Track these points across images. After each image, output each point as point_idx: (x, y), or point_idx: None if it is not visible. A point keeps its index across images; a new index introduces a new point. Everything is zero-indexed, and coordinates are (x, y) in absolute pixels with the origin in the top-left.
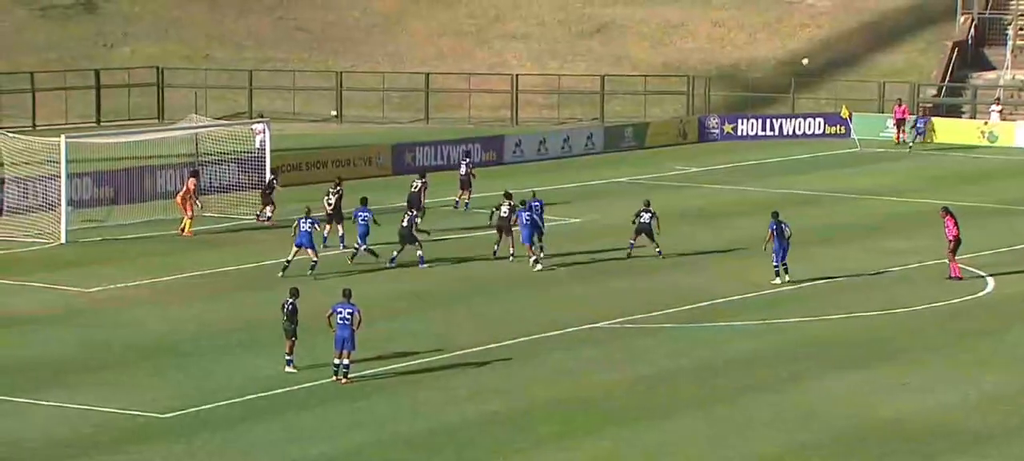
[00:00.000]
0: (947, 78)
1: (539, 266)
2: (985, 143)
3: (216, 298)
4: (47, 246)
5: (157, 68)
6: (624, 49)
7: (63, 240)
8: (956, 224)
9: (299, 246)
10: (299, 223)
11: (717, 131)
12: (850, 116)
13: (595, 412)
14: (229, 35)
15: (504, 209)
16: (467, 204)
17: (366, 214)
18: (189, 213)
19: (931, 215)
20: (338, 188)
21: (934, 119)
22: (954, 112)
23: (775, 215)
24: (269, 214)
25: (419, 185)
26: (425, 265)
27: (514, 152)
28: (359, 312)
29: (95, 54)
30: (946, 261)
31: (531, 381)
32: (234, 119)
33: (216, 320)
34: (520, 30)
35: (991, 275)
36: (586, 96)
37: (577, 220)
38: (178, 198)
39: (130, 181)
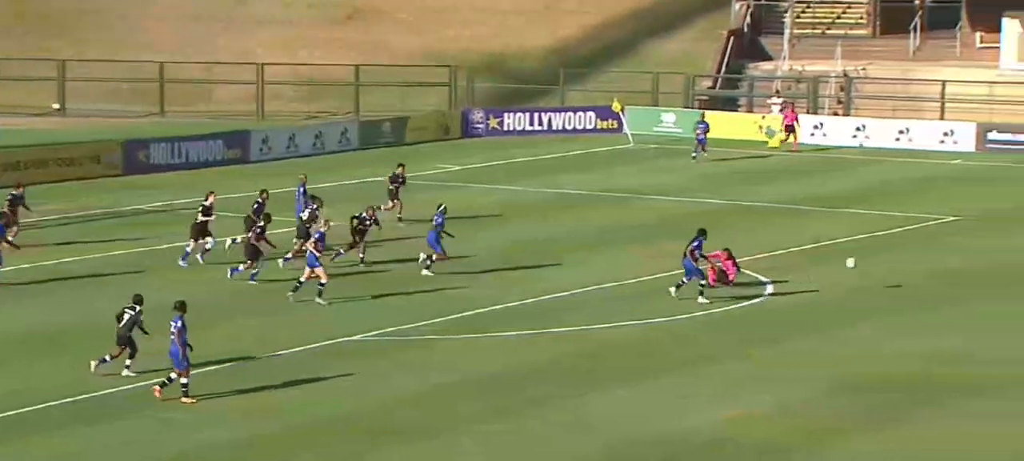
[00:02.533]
0: (723, 69)
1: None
2: (762, 137)
3: None
4: None
5: None
6: (381, 36)
7: None
8: (731, 262)
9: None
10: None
11: (482, 125)
12: (623, 110)
13: (364, 431)
14: None
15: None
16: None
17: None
18: None
19: (708, 216)
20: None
21: (708, 113)
22: (730, 105)
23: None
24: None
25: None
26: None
27: (261, 149)
28: (178, 324)
29: None
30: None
31: (305, 399)
32: None
33: None
34: (266, 15)
35: (771, 281)
36: (340, 88)
37: (332, 224)
38: None
39: None
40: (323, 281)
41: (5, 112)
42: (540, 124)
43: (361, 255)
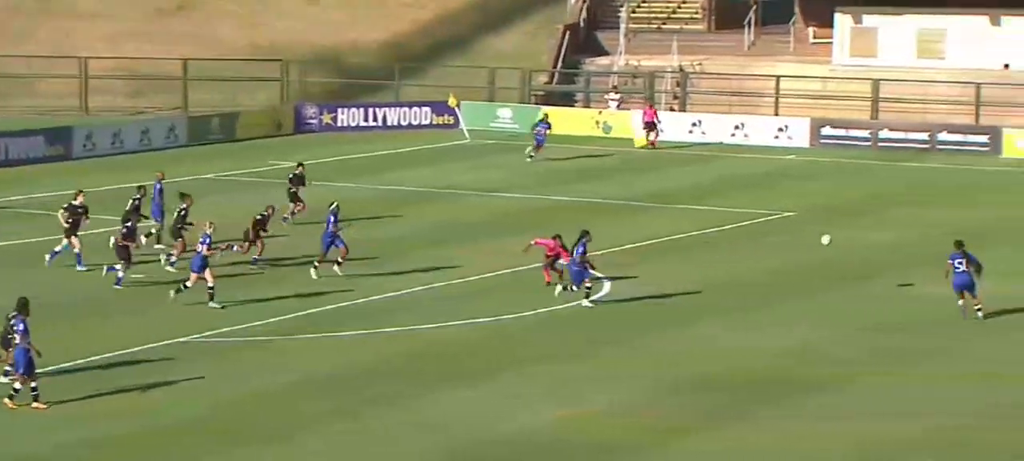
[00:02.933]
0: (559, 64)
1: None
2: (599, 133)
3: None
4: None
5: None
6: (210, 29)
7: None
8: (559, 245)
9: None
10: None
11: (315, 121)
12: (459, 106)
13: (202, 434)
14: None
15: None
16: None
17: None
18: None
19: (544, 212)
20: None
21: (546, 109)
22: (568, 100)
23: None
24: None
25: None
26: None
27: (85, 146)
28: (20, 327)
29: None
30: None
31: (156, 401)
32: None
33: None
34: (88, 7)
35: (609, 278)
36: (167, 82)
37: (157, 223)
38: None
39: None
40: (211, 284)
41: None
42: (375, 120)
43: (256, 256)
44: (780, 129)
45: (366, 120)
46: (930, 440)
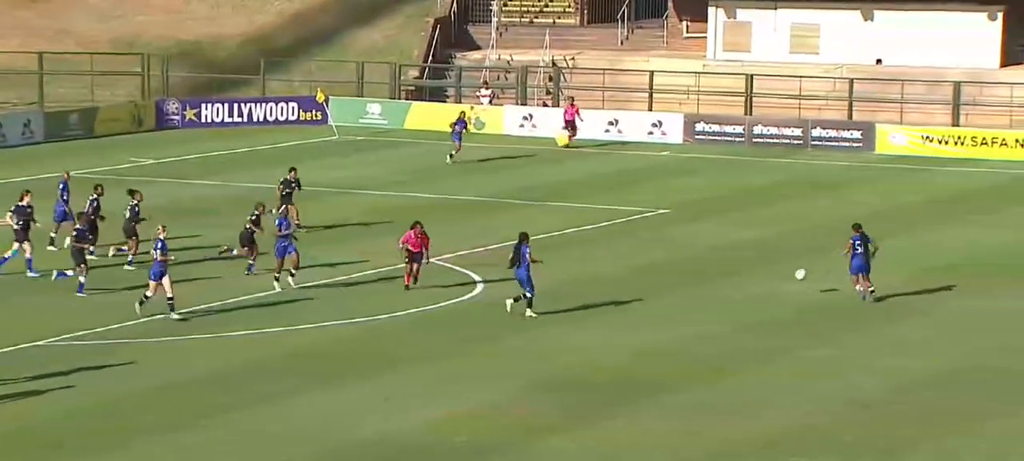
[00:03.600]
0: (430, 58)
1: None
2: (472, 129)
3: None
4: None
5: None
6: (67, 22)
7: None
8: (420, 236)
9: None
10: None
11: (178, 117)
12: (326, 100)
13: (43, 444)
14: None
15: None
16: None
17: None
18: None
19: (413, 210)
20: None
21: (416, 104)
22: (438, 95)
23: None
24: None
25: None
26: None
27: None
28: None
29: None
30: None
31: None
32: None
33: None
34: None
35: (481, 279)
36: (22, 76)
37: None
38: None
39: None
40: (170, 295)
41: None
42: (240, 115)
43: (252, 261)
44: (654, 125)
45: (231, 116)
46: (795, 437)
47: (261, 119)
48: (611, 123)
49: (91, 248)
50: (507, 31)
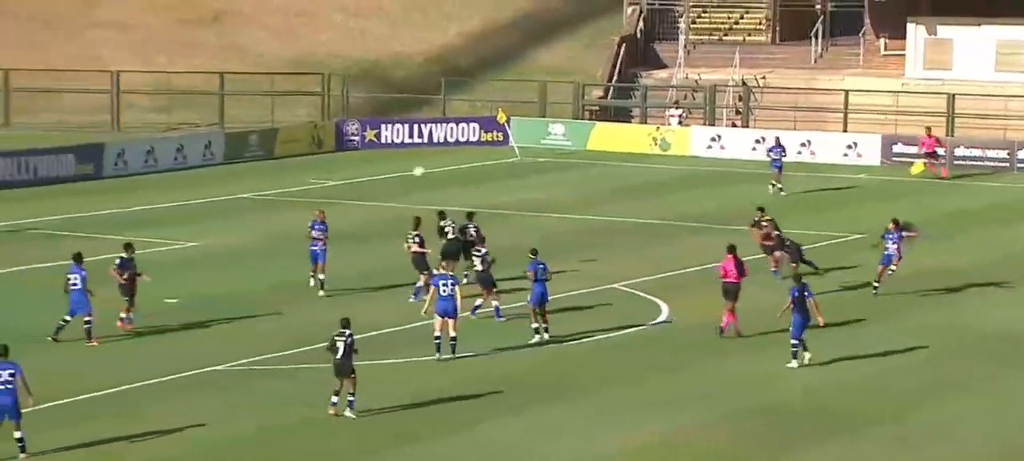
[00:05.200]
0: (614, 77)
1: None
2: (657, 151)
3: None
4: None
5: None
6: (246, 42)
7: None
8: (738, 267)
9: None
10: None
11: (357, 138)
12: (508, 121)
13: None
14: None
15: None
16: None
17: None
18: None
19: (597, 233)
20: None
21: (599, 124)
22: (623, 116)
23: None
24: None
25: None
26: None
27: (116, 164)
28: (21, 373)
29: None
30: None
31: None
32: None
33: None
34: (118, 18)
35: (665, 302)
36: (202, 97)
37: (195, 243)
38: None
39: None
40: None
41: None
42: (420, 136)
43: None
44: (849, 146)
45: (411, 137)
46: None
47: (442, 140)
48: (803, 144)
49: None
50: (695, 49)
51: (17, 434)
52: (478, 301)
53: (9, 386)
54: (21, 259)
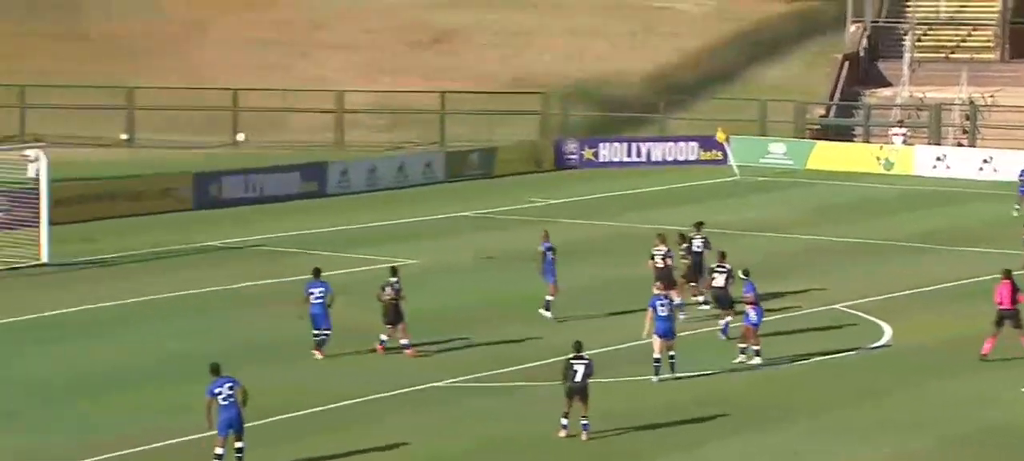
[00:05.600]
0: (837, 96)
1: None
2: (880, 170)
3: None
4: None
5: None
6: (467, 61)
7: None
8: (1013, 291)
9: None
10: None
11: (576, 156)
12: (727, 140)
13: None
14: None
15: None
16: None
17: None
18: None
19: (818, 253)
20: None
21: (820, 144)
22: (845, 134)
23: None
24: None
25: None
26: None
27: (339, 181)
28: (241, 386)
29: None
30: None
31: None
32: (3, 143)
33: None
34: (345, 39)
35: (888, 323)
36: (423, 116)
37: (413, 261)
38: None
39: None
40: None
41: (69, 143)
42: (638, 155)
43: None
44: None
45: (629, 155)
46: None
47: (660, 159)
48: None
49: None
50: (920, 67)
51: (238, 444)
52: (726, 318)
53: (231, 399)
54: (250, 275)
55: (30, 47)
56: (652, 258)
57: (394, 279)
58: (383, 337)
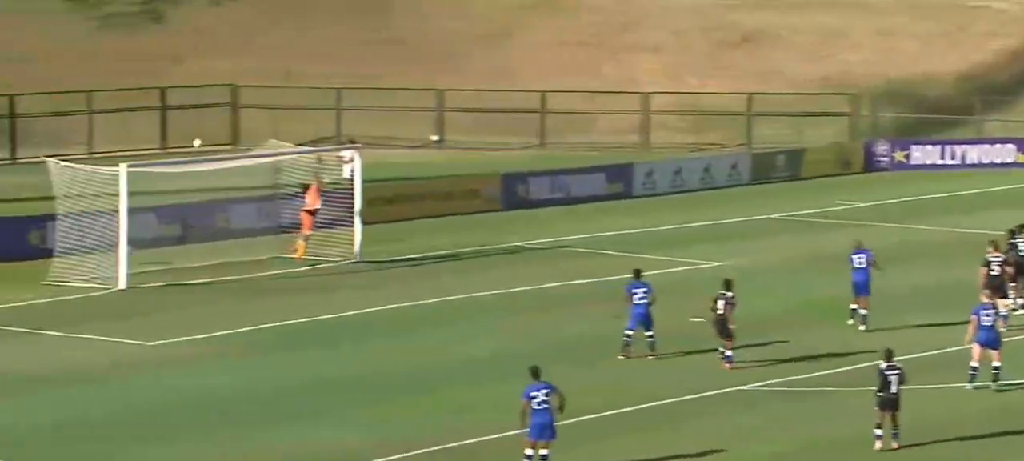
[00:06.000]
0: None
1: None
2: None
3: (290, 354)
4: (104, 292)
5: (231, 86)
6: (775, 62)
7: (122, 285)
8: None
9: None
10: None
11: (886, 159)
12: None
13: None
14: (313, 48)
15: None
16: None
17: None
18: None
19: None
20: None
21: None
22: None
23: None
24: None
25: None
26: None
27: (644, 183)
28: (558, 392)
29: (161, 70)
30: None
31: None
32: (319, 145)
33: (285, 381)
34: (652, 40)
35: None
36: (730, 117)
37: (717, 263)
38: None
39: (199, 217)
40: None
41: (382, 144)
42: (952, 158)
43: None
44: None
45: (942, 158)
46: None
47: (975, 162)
48: None
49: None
50: None
51: (543, 452)
52: None
53: (545, 405)
54: (556, 275)
55: (345, 50)
56: (987, 265)
57: (729, 293)
58: (727, 352)
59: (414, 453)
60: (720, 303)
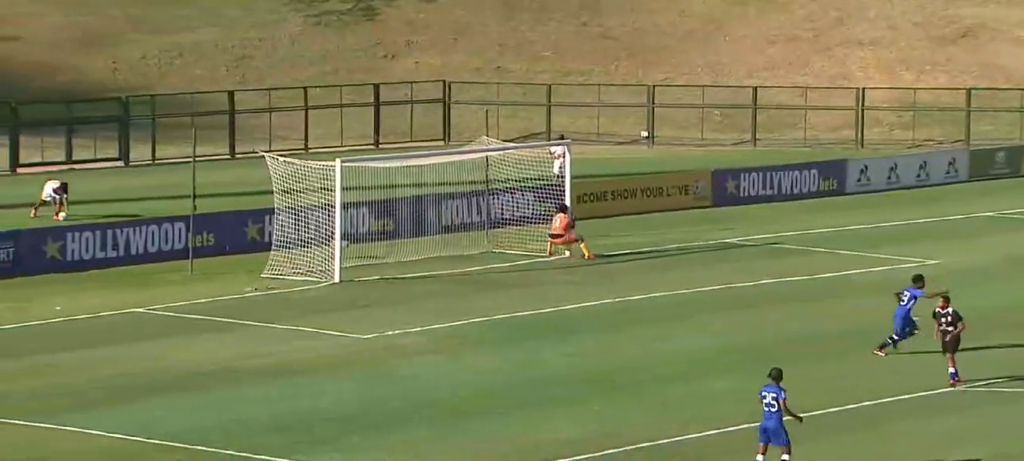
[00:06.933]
0: None
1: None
2: None
3: (508, 348)
4: (318, 285)
5: (443, 82)
6: (995, 57)
7: (336, 279)
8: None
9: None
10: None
11: None
12: None
13: None
14: (524, 44)
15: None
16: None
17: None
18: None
19: None
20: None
21: None
22: None
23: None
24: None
25: None
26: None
27: (859, 180)
28: (785, 396)
29: (374, 66)
30: None
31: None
32: (530, 140)
33: (506, 375)
34: (867, 35)
35: None
36: (948, 113)
37: (934, 262)
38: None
39: (412, 212)
40: None
41: (594, 141)
42: None
43: None
44: None
45: None
46: None
47: None
48: None
49: None
50: None
51: (784, 457)
52: None
53: (772, 410)
54: (772, 272)
55: (557, 45)
56: None
57: (947, 311)
58: (950, 369)
59: (638, 447)
60: (942, 322)
